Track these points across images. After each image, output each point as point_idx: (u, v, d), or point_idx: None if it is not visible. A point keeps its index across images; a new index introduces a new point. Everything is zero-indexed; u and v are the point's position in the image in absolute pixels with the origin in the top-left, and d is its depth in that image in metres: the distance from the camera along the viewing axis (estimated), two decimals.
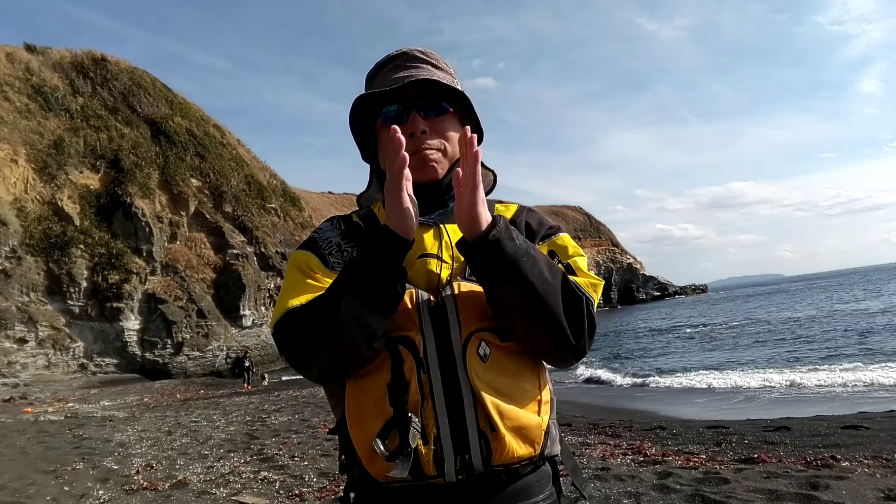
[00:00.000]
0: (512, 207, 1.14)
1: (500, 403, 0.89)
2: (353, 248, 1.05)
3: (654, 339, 26.18)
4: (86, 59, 29.29)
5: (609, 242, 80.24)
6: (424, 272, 0.99)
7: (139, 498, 4.61)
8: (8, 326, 19.90)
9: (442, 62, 1.11)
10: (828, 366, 13.07)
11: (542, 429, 0.93)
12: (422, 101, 1.04)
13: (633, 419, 8.15)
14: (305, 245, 1.07)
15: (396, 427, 0.87)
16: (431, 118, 1.04)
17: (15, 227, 21.31)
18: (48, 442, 7.62)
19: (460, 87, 1.09)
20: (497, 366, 0.92)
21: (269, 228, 31.06)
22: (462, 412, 0.89)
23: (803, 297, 51.09)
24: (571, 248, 1.10)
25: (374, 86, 1.08)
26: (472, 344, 0.91)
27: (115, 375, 22.33)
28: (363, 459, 0.92)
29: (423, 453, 0.87)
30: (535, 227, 1.10)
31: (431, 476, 0.88)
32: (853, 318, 24.05)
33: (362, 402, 0.92)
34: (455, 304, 0.94)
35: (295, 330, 0.92)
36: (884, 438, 5.38)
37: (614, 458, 5.16)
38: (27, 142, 23.42)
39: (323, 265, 1.02)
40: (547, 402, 0.96)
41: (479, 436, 0.88)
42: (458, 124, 1.07)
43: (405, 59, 1.08)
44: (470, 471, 0.88)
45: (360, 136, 1.13)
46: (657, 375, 14.76)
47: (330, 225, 1.11)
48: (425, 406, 0.89)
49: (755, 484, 3.88)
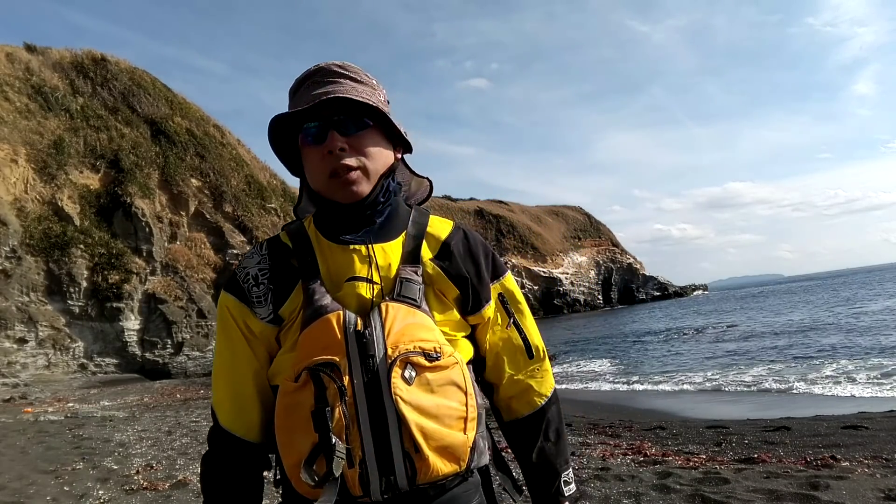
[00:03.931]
0: (447, 225, 1.13)
1: (424, 424, 0.90)
2: (269, 277, 1.05)
3: (655, 339, 26.18)
4: (86, 59, 29.29)
5: (609, 242, 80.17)
6: (354, 295, 1.00)
7: (139, 498, 4.61)
8: (8, 326, 19.89)
9: (362, 74, 1.09)
10: (828, 366, 13.07)
11: (467, 446, 0.95)
12: (340, 118, 1.02)
13: (633, 419, 8.15)
14: (227, 284, 1.08)
15: (323, 453, 0.88)
16: (351, 135, 1.02)
17: (15, 227, 21.30)
18: (48, 442, 7.61)
19: (383, 97, 1.09)
20: (423, 387, 0.92)
21: (269, 228, 31.03)
22: (387, 435, 0.90)
23: (804, 296, 51.09)
24: (517, 292, 1.16)
25: (295, 102, 1.07)
26: (397, 367, 0.91)
27: (115, 375, 22.32)
28: (292, 480, 0.94)
29: (349, 476, 0.90)
30: (483, 261, 1.11)
31: (358, 496, 0.90)
32: (854, 319, 24.05)
33: (289, 425, 0.94)
34: (382, 326, 0.94)
35: (204, 465, 1.08)
36: (884, 438, 5.38)
37: (614, 458, 5.16)
38: (27, 142, 23.41)
39: (242, 304, 1.05)
40: (473, 418, 0.97)
41: (403, 457, 0.90)
42: (381, 138, 1.06)
43: (323, 74, 1.06)
44: (395, 490, 0.91)
45: (286, 152, 1.12)
46: (657, 375, 14.75)
47: (252, 252, 1.10)
48: (350, 430, 0.90)
49: (755, 484, 3.88)
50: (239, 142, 35.04)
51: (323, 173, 1.02)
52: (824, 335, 19.50)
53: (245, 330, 1.04)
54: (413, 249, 1.06)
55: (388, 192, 1.08)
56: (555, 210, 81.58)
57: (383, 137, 1.07)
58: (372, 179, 1.04)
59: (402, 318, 0.96)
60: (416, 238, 1.08)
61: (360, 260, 1.02)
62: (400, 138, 1.10)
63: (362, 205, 1.04)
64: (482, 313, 1.09)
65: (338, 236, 1.05)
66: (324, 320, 0.95)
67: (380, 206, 1.06)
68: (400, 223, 1.09)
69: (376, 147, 1.05)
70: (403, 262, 1.04)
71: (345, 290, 1.00)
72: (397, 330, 0.94)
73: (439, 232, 1.10)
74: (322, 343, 0.94)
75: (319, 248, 1.06)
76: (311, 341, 0.95)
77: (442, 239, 1.09)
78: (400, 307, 0.97)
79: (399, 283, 1.00)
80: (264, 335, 1.04)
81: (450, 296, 1.05)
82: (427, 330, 0.97)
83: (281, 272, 1.04)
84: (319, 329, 0.95)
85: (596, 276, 73.09)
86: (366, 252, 1.03)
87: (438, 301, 1.04)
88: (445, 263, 1.06)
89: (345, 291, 1.00)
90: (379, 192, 1.05)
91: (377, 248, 1.04)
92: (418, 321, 0.97)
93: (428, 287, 1.03)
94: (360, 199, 1.03)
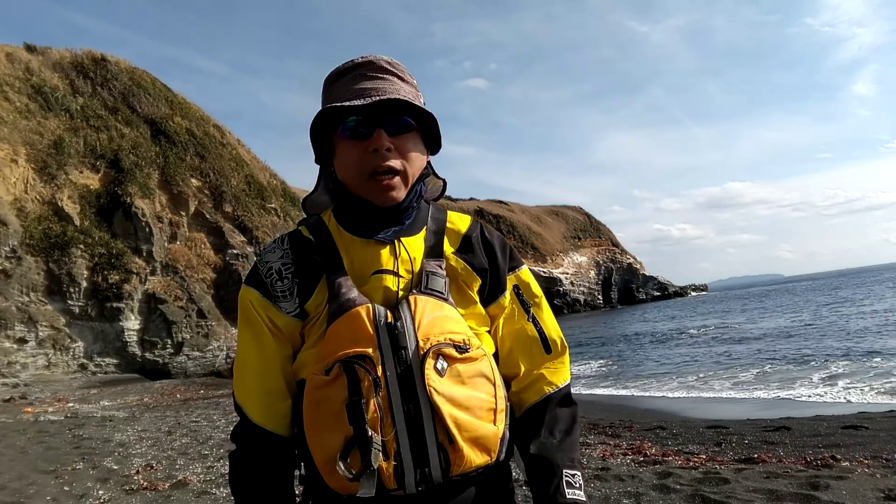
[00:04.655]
0: (465, 220, 1.13)
1: (457, 416, 0.91)
2: (293, 271, 1.04)
3: (655, 339, 26.17)
4: (86, 59, 29.28)
5: (609, 242, 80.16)
6: (381, 288, 0.99)
7: (139, 498, 4.61)
8: (8, 326, 19.89)
9: (407, 74, 1.08)
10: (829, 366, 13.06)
11: (498, 437, 0.96)
12: (386, 116, 1.01)
13: (633, 419, 8.15)
14: (248, 278, 1.07)
15: (357, 446, 0.88)
16: (395, 135, 1.01)
17: (15, 227, 21.30)
18: (48, 442, 7.61)
19: (422, 100, 1.08)
20: (454, 378, 0.93)
21: (269, 228, 31.02)
22: (422, 426, 0.90)
23: (804, 296, 51.08)
24: (533, 285, 1.14)
25: (335, 92, 1.04)
26: (429, 358, 0.91)
27: (115, 375, 22.31)
28: (324, 475, 0.93)
29: (384, 469, 0.89)
30: (499, 253, 1.10)
31: (392, 489, 0.90)
32: (855, 319, 24.05)
33: (320, 420, 0.93)
34: (412, 318, 0.94)
35: (234, 464, 1.05)
36: (884, 438, 5.38)
37: (614, 458, 5.16)
38: (27, 142, 23.41)
39: (265, 298, 1.03)
40: (502, 409, 0.98)
41: (437, 448, 0.90)
42: (419, 141, 1.06)
43: (371, 68, 1.04)
44: (430, 482, 0.90)
45: (316, 139, 1.09)
46: (657, 375, 14.76)
47: (273, 246, 1.09)
48: (385, 423, 0.89)
49: (755, 484, 3.88)
50: (239, 142, 35.02)
51: (362, 171, 1.01)
52: (825, 335, 19.49)
53: (270, 324, 1.03)
54: (435, 244, 1.06)
55: (419, 197, 1.09)
56: (555, 210, 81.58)
57: (420, 140, 1.07)
58: (408, 184, 1.04)
59: (430, 310, 0.96)
60: (437, 233, 1.08)
61: (388, 252, 1.02)
62: (433, 141, 1.10)
63: (397, 209, 1.04)
64: (498, 303, 1.09)
65: (363, 232, 1.05)
66: (353, 313, 0.95)
67: (410, 210, 1.07)
68: (420, 219, 1.09)
69: (416, 151, 1.05)
70: (427, 257, 1.04)
71: (371, 283, 1.00)
72: (427, 322, 0.94)
73: (459, 226, 1.11)
74: (352, 336, 0.93)
75: (342, 243, 1.05)
76: (340, 335, 0.94)
77: (462, 232, 1.10)
78: (428, 300, 0.97)
79: (425, 277, 1.00)
80: (288, 330, 1.03)
81: (473, 288, 1.06)
82: (456, 322, 0.98)
83: (305, 266, 1.04)
84: (349, 322, 0.94)
85: (596, 276, 73.09)
86: (391, 246, 1.03)
87: (461, 295, 1.04)
88: (468, 255, 1.07)
89: (371, 285, 1.00)
90: (412, 198, 1.06)
91: (405, 241, 1.04)
92: (447, 314, 0.98)
93: (451, 281, 1.03)
94: (396, 204, 1.03)
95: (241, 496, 1.02)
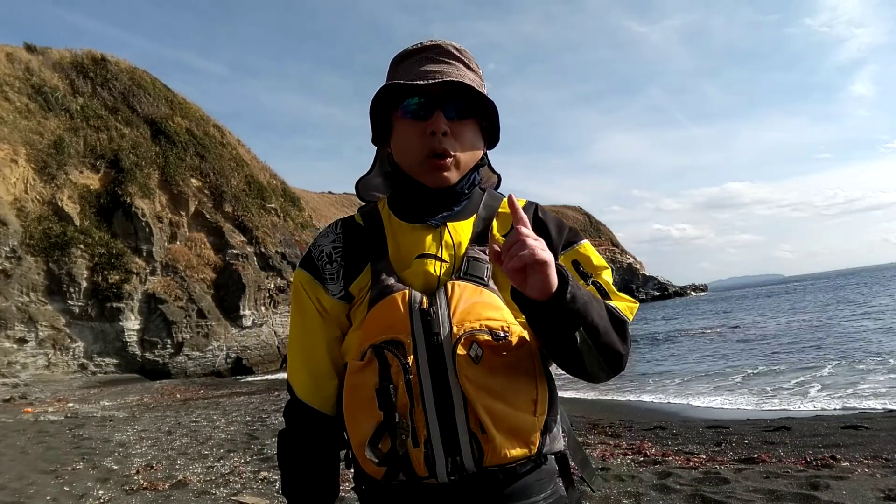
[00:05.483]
0: (520, 203, 1.11)
1: (491, 405, 0.88)
2: (342, 255, 1.06)
3: (655, 339, 26.18)
4: (86, 59, 29.28)
5: (609, 242, 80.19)
6: (422, 272, 0.99)
7: (139, 498, 4.61)
8: (8, 326, 19.90)
9: (474, 62, 1.08)
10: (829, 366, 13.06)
11: (537, 428, 0.92)
12: (448, 100, 1.00)
13: (633, 419, 8.15)
14: (302, 261, 1.10)
15: (388, 431, 0.88)
16: (454, 120, 1.01)
17: (15, 227, 21.31)
18: (48, 442, 7.61)
19: (486, 91, 1.07)
20: (490, 366, 0.90)
21: (269, 228, 31.03)
22: (452, 414, 0.88)
23: (804, 296, 51.08)
24: (595, 258, 1.08)
25: (400, 73, 1.05)
26: (462, 345, 0.89)
27: (115, 375, 22.32)
28: (359, 459, 0.94)
29: (414, 456, 0.88)
30: (553, 232, 1.07)
31: (424, 477, 0.89)
32: (855, 319, 24.05)
33: (355, 404, 0.94)
34: (447, 304, 0.93)
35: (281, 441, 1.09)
36: (884, 438, 5.38)
37: (614, 458, 5.16)
38: (27, 142, 23.41)
39: (315, 280, 1.06)
40: (543, 400, 0.94)
41: (469, 437, 0.88)
42: (477, 131, 1.06)
43: (438, 51, 1.04)
44: (462, 472, 0.88)
45: (375, 119, 1.09)
46: (658, 375, 14.75)
47: (327, 230, 1.11)
48: (415, 408, 0.89)
49: (755, 484, 3.88)
50: (239, 142, 35.03)
51: (420, 151, 1.01)
52: (825, 335, 19.49)
53: (318, 305, 1.05)
54: (483, 230, 1.05)
55: (472, 185, 1.09)
56: (554, 210, 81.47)
57: (478, 130, 1.06)
58: (462, 171, 1.04)
59: (467, 296, 0.94)
60: (486, 220, 1.07)
61: (433, 237, 1.03)
62: (492, 134, 1.09)
63: (448, 192, 1.04)
64: None
65: (413, 216, 1.05)
66: (389, 299, 0.95)
67: (461, 195, 1.07)
68: (472, 205, 1.09)
69: (473, 139, 1.04)
70: (472, 242, 1.03)
71: (413, 266, 1.00)
72: (463, 308, 0.93)
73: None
74: (387, 321, 0.94)
75: (390, 228, 1.06)
76: (377, 320, 0.95)
77: None
78: (466, 285, 0.96)
79: (466, 262, 0.99)
80: (335, 311, 1.05)
81: None
82: (494, 309, 0.95)
83: (353, 250, 1.05)
84: (385, 308, 0.95)
85: None
86: (437, 230, 1.03)
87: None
88: None
89: (413, 269, 1.00)
90: (465, 184, 1.06)
91: (451, 226, 1.04)
92: (485, 300, 0.95)
93: (497, 266, 1.00)
94: (448, 186, 1.03)
95: (288, 471, 1.06)
